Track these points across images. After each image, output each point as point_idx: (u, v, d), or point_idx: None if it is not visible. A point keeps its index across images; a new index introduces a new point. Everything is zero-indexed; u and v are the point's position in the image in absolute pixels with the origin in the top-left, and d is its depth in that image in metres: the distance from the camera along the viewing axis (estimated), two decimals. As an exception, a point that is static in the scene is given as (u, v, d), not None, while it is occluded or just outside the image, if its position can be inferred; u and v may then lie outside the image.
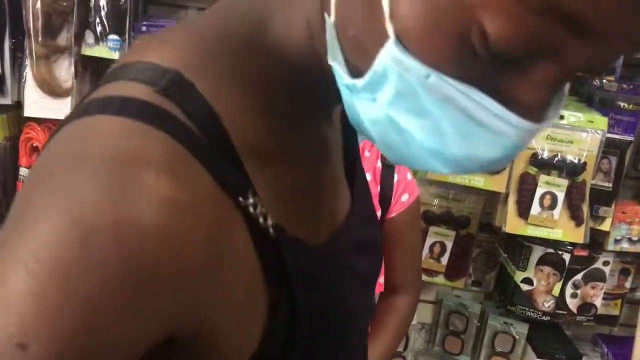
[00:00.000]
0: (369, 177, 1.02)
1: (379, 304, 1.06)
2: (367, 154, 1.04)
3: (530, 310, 1.50)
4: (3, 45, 1.29)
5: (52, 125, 1.35)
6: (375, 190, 1.02)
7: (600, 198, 1.42)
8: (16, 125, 1.39)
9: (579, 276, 1.49)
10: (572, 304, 1.50)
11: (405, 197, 1.04)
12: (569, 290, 1.49)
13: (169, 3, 1.45)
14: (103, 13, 1.27)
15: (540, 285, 1.46)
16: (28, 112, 1.31)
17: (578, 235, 1.36)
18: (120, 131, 0.34)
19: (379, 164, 1.04)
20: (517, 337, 1.58)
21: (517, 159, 1.35)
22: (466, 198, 1.50)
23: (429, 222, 1.49)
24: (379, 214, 1.01)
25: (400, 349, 1.56)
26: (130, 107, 0.34)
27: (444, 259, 1.51)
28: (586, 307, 1.51)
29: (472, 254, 1.58)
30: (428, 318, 1.68)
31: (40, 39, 1.25)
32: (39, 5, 1.22)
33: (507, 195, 1.36)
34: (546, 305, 1.47)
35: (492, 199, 1.46)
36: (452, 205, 1.51)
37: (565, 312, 1.51)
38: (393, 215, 1.03)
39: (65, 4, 1.25)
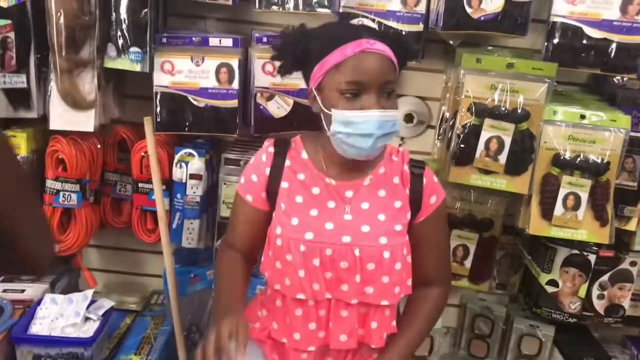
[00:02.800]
0: (396, 180, 1.05)
1: (410, 295, 1.08)
2: (394, 158, 1.07)
3: (556, 312, 1.49)
4: (29, 60, 1.32)
5: (77, 138, 1.38)
6: (404, 192, 1.05)
7: (625, 197, 1.40)
8: (42, 138, 1.42)
9: (605, 277, 1.47)
10: (599, 305, 1.49)
11: (433, 199, 1.07)
12: (595, 291, 1.48)
13: (188, 15, 1.47)
14: (124, 26, 1.30)
15: (565, 287, 1.44)
16: (53, 125, 1.34)
17: (603, 235, 1.34)
18: None
19: (406, 168, 1.06)
20: (543, 339, 1.56)
21: (539, 160, 1.34)
22: (488, 200, 1.49)
23: (451, 225, 1.48)
24: (408, 215, 1.04)
25: (425, 353, 1.56)
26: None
27: (468, 262, 1.50)
28: (614, 308, 1.49)
29: (496, 257, 1.57)
30: (453, 322, 1.68)
31: (64, 53, 1.28)
32: (62, 20, 1.25)
33: (530, 196, 1.35)
34: (572, 307, 1.45)
35: (515, 201, 1.45)
36: (474, 208, 1.50)
37: (592, 314, 1.49)
38: (423, 218, 1.06)
39: (87, 18, 1.28)
